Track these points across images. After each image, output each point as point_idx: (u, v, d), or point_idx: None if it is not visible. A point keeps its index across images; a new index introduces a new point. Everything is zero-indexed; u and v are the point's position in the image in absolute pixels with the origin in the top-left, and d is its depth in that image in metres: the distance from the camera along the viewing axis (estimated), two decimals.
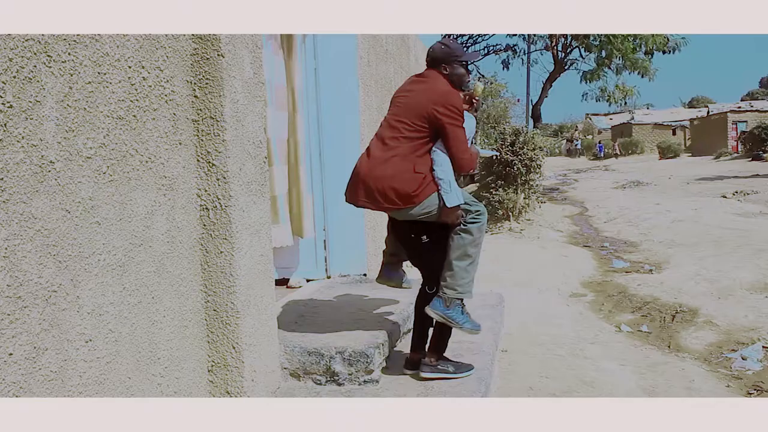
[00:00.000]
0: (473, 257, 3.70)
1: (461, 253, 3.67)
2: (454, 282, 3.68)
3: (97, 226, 2.55)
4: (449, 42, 3.84)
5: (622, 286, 8.05)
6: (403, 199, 3.61)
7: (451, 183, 3.61)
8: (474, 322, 3.81)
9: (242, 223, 3.39)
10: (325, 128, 5.76)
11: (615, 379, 4.76)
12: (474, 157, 3.76)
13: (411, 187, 3.59)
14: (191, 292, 3.26)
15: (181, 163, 3.16)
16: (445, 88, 3.72)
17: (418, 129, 3.64)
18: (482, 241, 3.73)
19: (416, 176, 3.61)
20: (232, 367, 3.40)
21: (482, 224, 3.72)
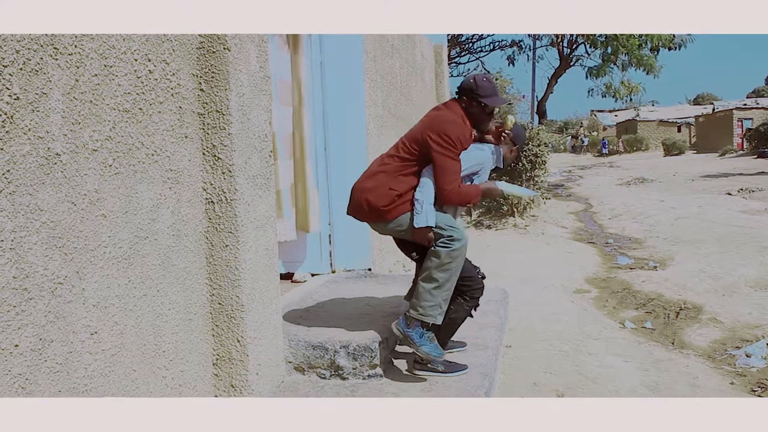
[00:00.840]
0: (440, 282, 3.66)
1: (426, 275, 3.70)
2: (417, 302, 3.71)
3: (103, 218, 2.55)
4: (479, 79, 3.78)
5: (626, 282, 8.05)
6: (374, 213, 3.79)
7: (423, 204, 3.67)
8: (435, 347, 3.74)
9: (247, 216, 3.39)
10: (330, 123, 5.76)
11: (619, 375, 4.76)
12: (464, 193, 3.70)
13: (382, 202, 3.73)
14: (196, 286, 3.26)
15: (187, 156, 3.16)
16: (448, 117, 3.75)
17: (410, 151, 3.76)
18: (454, 267, 3.67)
19: (390, 193, 3.73)
20: (236, 360, 3.41)
21: (453, 250, 3.65)
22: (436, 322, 3.71)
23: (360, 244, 5.87)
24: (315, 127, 5.68)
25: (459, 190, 3.67)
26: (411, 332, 3.72)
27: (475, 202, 3.81)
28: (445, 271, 3.65)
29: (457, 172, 3.69)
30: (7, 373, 2.08)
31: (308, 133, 5.53)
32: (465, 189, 3.72)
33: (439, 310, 3.70)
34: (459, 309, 3.91)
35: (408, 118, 8.28)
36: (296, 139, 5.48)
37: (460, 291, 3.84)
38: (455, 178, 3.67)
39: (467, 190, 3.74)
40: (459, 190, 3.67)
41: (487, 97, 3.74)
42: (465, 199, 3.73)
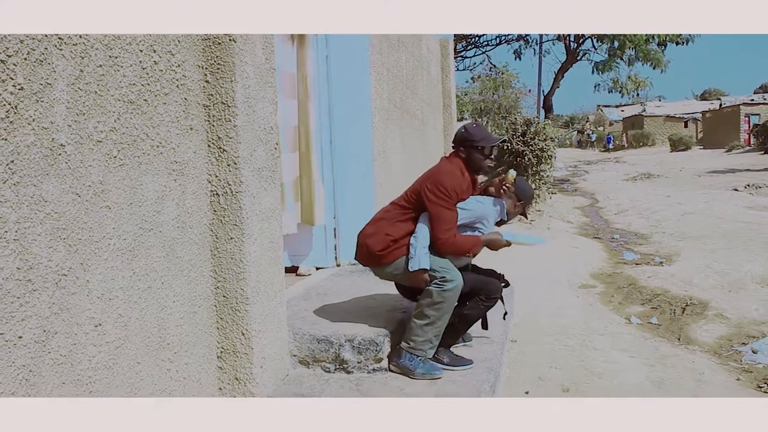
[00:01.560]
0: (431, 319, 3.76)
1: (419, 312, 3.80)
2: (408, 336, 3.83)
3: (108, 210, 2.54)
4: (470, 127, 3.96)
5: (632, 278, 8.03)
6: (372, 258, 3.91)
7: (417, 249, 3.75)
8: (430, 366, 3.81)
9: (253, 209, 3.38)
10: (336, 116, 5.74)
11: (624, 370, 4.74)
12: (459, 243, 3.77)
13: (378, 246, 3.86)
14: (201, 278, 3.25)
15: (192, 148, 3.15)
16: (445, 168, 3.89)
17: (409, 200, 3.91)
18: (445, 306, 3.75)
19: (386, 238, 3.86)
20: (241, 353, 3.40)
21: (444, 290, 3.72)
22: (427, 357, 3.81)
23: None
24: (321, 120, 5.66)
25: (454, 240, 3.76)
26: (403, 361, 3.81)
27: (475, 252, 3.85)
28: (437, 309, 3.74)
29: (452, 221, 3.77)
30: (11, 364, 2.08)
31: (314, 126, 5.51)
32: (461, 240, 3.79)
33: (430, 345, 3.81)
34: (474, 307, 3.95)
35: (413, 111, 8.26)
36: (301, 132, 5.46)
37: (477, 291, 3.91)
38: (449, 227, 3.75)
39: (463, 240, 3.80)
40: (454, 240, 3.76)
41: (481, 140, 3.88)
42: (460, 249, 3.80)
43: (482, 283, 3.94)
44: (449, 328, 3.93)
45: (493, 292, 3.93)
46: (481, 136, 3.89)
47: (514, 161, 13.99)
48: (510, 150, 14.05)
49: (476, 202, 3.95)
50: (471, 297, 3.91)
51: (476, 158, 3.90)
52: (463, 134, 3.93)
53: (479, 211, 3.91)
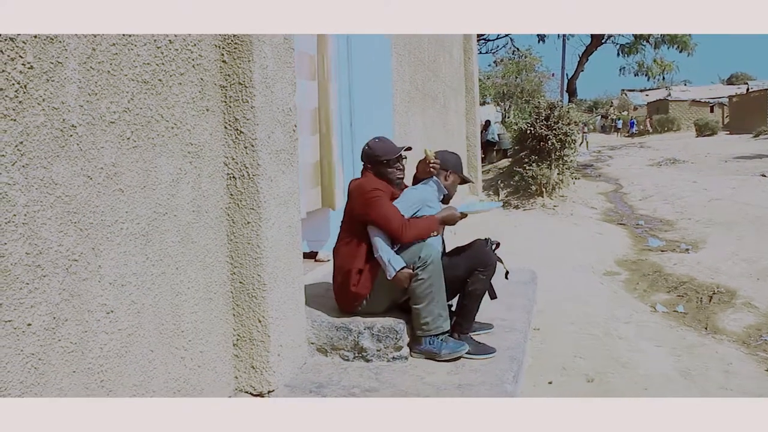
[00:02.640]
0: (429, 297, 3.75)
1: (415, 297, 3.77)
2: (417, 322, 3.79)
3: (120, 193, 2.47)
4: (371, 143, 4.01)
5: (657, 265, 7.88)
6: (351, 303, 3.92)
7: (384, 256, 3.75)
8: (453, 344, 3.80)
9: (270, 193, 3.29)
10: (356, 98, 5.63)
11: (650, 360, 4.63)
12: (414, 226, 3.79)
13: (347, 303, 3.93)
14: (217, 264, 3.18)
15: (208, 129, 3.06)
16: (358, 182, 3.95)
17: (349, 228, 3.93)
18: (435, 280, 3.76)
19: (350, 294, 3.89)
20: (257, 341, 3.32)
21: (425, 268, 3.74)
22: (445, 330, 3.80)
23: None
24: (341, 103, 5.56)
25: (408, 225, 3.78)
26: (423, 347, 3.80)
27: (437, 230, 3.89)
28: (429, 286, 3.74)
29: (396, 212, 3.79)
30: (19, 353, 2.01)
31: (334, 109, 5.41)
32: (414, 223, 3.82)
33: (442, 318, 3.79)
34: (476, 281, 3.91)
35: (435, 94, 8.13)
36: (322, 114, 5.36)
37: (472, 266, 3.91)
38: (396, 217, 3.77)
39: (417, 223, 3.82)
40: (408, 224, 3.78)
41: (383, 154, 3.95)
42: (421, 231, 3.81)
43: (473, 257, 3.94)
44: (461, 311, 3.94)
45: (486, 260, 3.91)
46: (383, 150, 3.95)
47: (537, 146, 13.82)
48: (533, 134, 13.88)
49: (411, 191, 4.02)
50: (469, 274, 3.91)
51: (384, 172, 3.95)
52: (366, 151, 4.01)
53: (416, 197, 3.96)
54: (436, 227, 3.84)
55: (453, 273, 3.88)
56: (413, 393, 3.35)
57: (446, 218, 3.89)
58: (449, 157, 4.13)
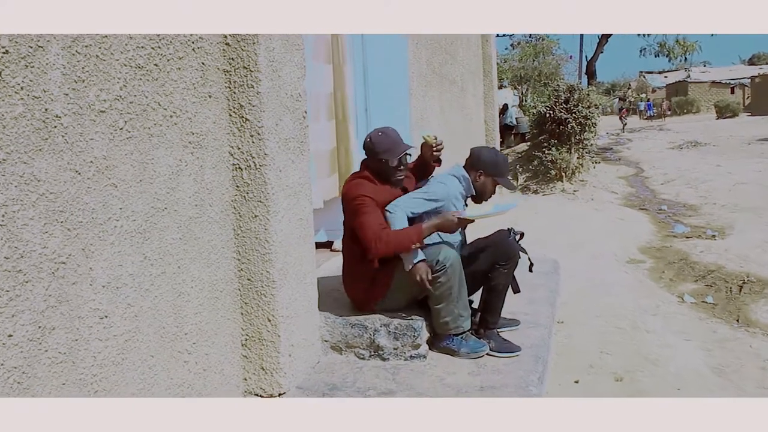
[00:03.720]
0: (449, 298, 3.53)
1: (434, 299, 3.56)
2: (437, 321, 3.60)
3: (113, 188, 2.27)
4: (374, 136, 3.68)
5: (683, 252, 7.61)
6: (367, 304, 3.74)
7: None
8: (473, 343, 3.61)
9: (279, 184, 3.09)
10: (371, 82, 5.40)
11: (680, 355, 4.40)
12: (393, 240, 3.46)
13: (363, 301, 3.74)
14: (223, 260, 2.99)
15: (211, 117, 2.86)
16: (349, 183, 3.68)
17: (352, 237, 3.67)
18: (455, 281, 3.52)
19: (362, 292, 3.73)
20: (267, 341, 3.13)
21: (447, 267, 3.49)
22: (465, 329, 3.61)
23: None
24: (356, 87, 5.33)
25: (382, 238, 3.45)
26: (443, 344, 3.63)
27: (418, 242, 3.47)
28: (449, 288, 3.52)
29: (375, 223, 3.49)
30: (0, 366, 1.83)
31: (350, 93, 5.19)
32: (396, 237, 3.47)
33: (462, 318, 3.59)
34: (498, 275, 3.70)
35: (453, 77, 7.88)
36: (338, 99, 5.14)
37: (494, 260, 3.68)
38: (372, 229, 3.47)
39: (399, 237, 3.47)
40: (382, 238, 3.45)
41: (384, 152, 3.62)
42: (395, 247, 3.48)
43: (494, 249, 3.69)
44: (486, 306, 3.74)
45: (508, 252, 3.67)
46: (385, 147, 3.62)
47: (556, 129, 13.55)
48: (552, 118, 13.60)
49: (437, 184, 3.72)
50: (491, 268, 3.68)
51: (383, 170, 3.65)
52: (367, 144, 3.68)
53: (441, 192, 3.67)
54: (418, 239, 3.46)
55: (474, 267, 3.67)
56: (432, 395, 3.15)
57: (441, 226, 3.51)
58: (485, 156, 3.80)
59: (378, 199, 3.56)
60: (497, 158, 3.82)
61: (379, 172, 3.66)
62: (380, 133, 3.66)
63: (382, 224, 3.51)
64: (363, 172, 3.71)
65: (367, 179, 3.64)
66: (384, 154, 3.61)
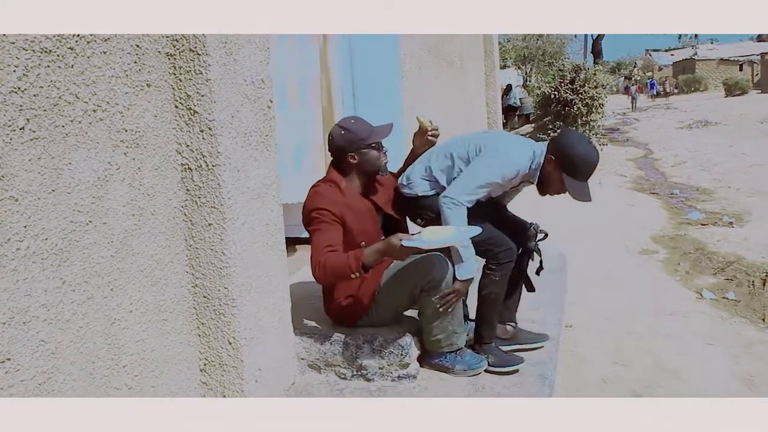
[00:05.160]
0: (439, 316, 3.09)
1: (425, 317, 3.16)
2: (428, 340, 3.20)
3: (13, 202, 1.83)
4: (348, 123, 3.15)
5: (698, 241, 7.14)
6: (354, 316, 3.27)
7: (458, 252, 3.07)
8: (469, 358, 3.19)
9: (237, 185, 2.65)
10: (357, 63, 4.93)
11: (704, 365, 3.97)
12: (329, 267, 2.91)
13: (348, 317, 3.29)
14: (172, 277, 2.55)
15: (151, 110, 2.41)
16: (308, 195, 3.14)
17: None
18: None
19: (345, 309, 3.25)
20: (228, 366, 2.71)
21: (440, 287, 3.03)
22: (459, 346, 3.18)
23: None
24: (342, 69, 4.87)
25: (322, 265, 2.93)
26: (435, 361, 3.22)
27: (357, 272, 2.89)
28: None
29: (319, 244, 2.98)
30: None
31: (335, 76, 4.73)
32: (332, 263, 2.92)
33: (456, 335, 3.17)
34: (488, 283, 3.23)
35: (451, 58, 7.41)
36: (323, 83, 4.69)
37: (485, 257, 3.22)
38: (318, 252, 2.96)
39: (336, 263, 2.91)
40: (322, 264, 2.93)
41: (370, 135, 3.13)
42: (332, 275, 2.94)
43: (488, 247, 3.18)
44: (479, 319, 3.30)
45: (501, 256, 3.18)
46: (368, 131, 3.13)
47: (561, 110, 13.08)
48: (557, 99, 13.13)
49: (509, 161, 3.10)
50: (482, 274, 3.24)
51: (370, 159, 3.14)
52: (345, 136, 3.11)
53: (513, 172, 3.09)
54: (357, 268, 2.87)
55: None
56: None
57: (384, 252, 2.87)
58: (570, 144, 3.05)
59: (339, 211, 3.06)
60: (583, 155, 3.02)
61: (366, 165, 3.15)
62: (352, 121, 3.16)
63: (332, 245, 2.99)
64: (331, 176, 3.19)
65: (335, 186, 3.14)
66: (371, 138, 3.12)
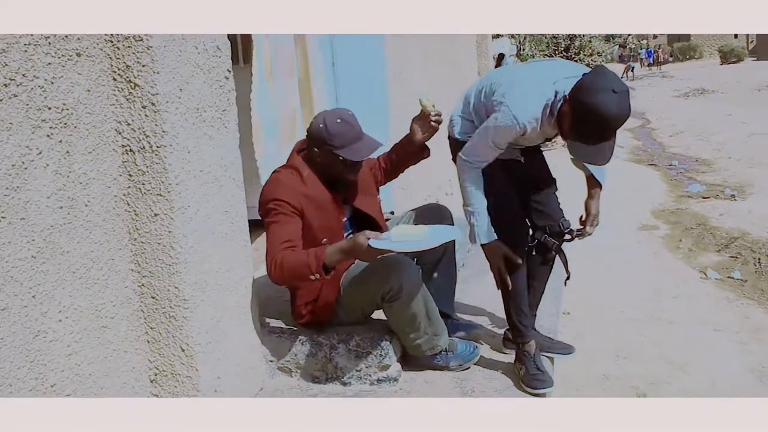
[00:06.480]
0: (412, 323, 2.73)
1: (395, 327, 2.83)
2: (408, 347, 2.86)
3: None
4: (331, 122, 2.68)
5: (700, 216, 6.82)
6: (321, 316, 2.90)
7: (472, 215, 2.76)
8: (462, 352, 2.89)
9: (187, 169, 2.30)
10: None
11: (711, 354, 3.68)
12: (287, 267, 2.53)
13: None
14: (112, 276, 2.21)
15: (82, 84, 2.06)
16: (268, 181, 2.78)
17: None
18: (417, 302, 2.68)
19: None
20: (182, 376, 2.38)
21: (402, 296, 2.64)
22: (443, 347, 2.86)
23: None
24: (320, 37, 4.49)
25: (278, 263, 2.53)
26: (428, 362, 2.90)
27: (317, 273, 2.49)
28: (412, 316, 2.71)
29: (275, 240, 2.60)
30: None
31: (312, 45, 4.36)
32: (290, 262, 2.53)
33: (437, 337, 2.82)
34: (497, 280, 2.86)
35: None
36: (299, 53, 4.32)
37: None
38: (274, 249, 2.58)
39: (295, 261, 2.53)
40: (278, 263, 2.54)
41: (342, 147, 2.66)
42: (289, 274, 2.55)
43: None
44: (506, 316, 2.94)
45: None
46: (344, 142, 2.66)
47: None
48: None
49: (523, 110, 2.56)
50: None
51: (333, 167, 2.72)
52: (317, 130, 2.69)
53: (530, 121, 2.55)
54: (317, 269, 2.49)
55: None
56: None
57: (349, 252, 2.49)
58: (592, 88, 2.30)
59: (299, 202, 2.68)
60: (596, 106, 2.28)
61: (326, 168, 2.74)
62: (339, 120, 2.67)
63: (290, 240, 2.60)
64: (294, 162, 2.79)
65: (296, 173, 2.73)
66: (342, 151, 2.66)
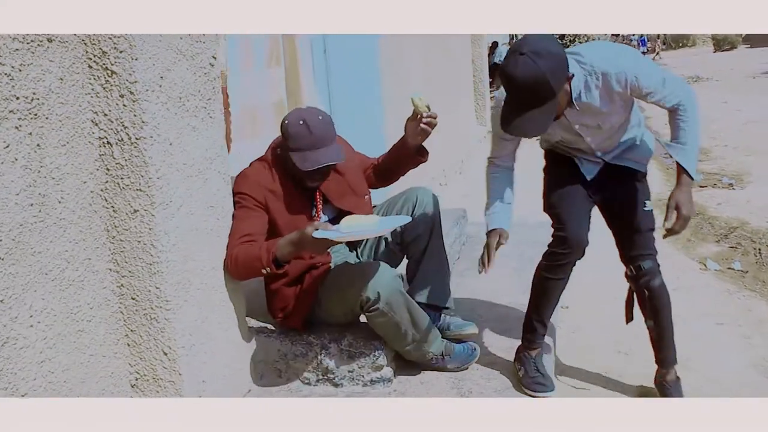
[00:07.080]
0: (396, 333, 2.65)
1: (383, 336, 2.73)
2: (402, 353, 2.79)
3: None
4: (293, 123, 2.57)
5: (698, 205, 6.68)
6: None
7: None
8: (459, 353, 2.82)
9: (169, 162, 2.18)
10: None
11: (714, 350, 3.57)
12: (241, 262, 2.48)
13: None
14: (89, 277, 2.09)
15: (54, 71, 1.93)
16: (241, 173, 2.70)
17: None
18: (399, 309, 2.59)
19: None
20: (165, 381, 2.27)
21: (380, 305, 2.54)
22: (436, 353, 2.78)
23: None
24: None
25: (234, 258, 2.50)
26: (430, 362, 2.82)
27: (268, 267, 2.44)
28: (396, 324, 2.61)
29: (234, 233, 2.55)
30: None
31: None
32: (243, 257, 2.48)
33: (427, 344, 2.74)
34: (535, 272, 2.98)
35: None
36: (285, 40, 4.19)
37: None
38: (231, 243, 2.54)
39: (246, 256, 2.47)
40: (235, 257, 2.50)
41: (296, 151, 2.57)
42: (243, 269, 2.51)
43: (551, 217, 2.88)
44: None
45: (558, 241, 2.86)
46: (299, 145, 2.55)
47: None
48: None
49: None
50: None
51: (294, 168, 2.61)
52: (283, 127, 2.62)
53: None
54: (268, 263, 2.41)
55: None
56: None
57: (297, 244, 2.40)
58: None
59: (263, 196, 2.61)
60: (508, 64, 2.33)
61: (287, 166, 2.66)
62: (301, 122, 2.55)
63: (250, 234, 2.52)
64: (267, 155, 2.72)
65: (267, 167, 2.67)
66: (294, 154, 2.57)
